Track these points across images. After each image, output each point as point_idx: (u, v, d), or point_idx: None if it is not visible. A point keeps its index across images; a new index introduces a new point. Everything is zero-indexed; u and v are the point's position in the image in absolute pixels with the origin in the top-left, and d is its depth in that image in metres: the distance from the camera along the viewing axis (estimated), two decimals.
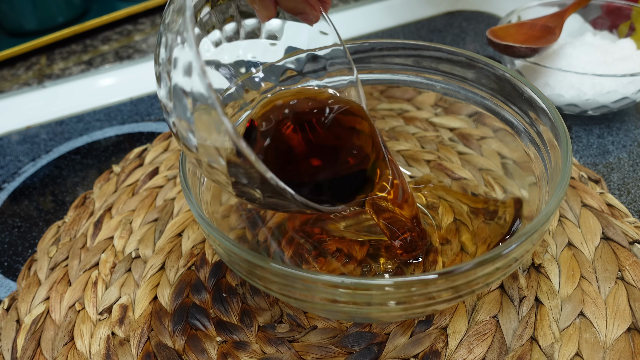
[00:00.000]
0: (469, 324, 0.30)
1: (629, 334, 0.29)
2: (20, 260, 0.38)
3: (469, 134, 0.38)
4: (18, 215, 0.42)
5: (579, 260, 0.32)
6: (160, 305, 0.32)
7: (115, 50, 0.65)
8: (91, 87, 0.59)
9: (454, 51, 0.34)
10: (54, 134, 0.51)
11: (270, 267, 0.23)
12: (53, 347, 0.31)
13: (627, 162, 0.41)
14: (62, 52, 0.66)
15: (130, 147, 0.48)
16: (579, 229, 0.34)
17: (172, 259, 0.35)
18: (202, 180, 0.31)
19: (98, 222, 0.38)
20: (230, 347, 0.30)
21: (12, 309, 0.34)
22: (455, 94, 0.36)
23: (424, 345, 0.29)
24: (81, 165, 0.47)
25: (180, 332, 0.31)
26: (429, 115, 0.40)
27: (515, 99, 0.32)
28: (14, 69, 0.64)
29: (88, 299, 0.33)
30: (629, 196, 0.38)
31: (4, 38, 0.66)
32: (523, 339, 0.29)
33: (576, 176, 0.38)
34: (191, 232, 0.37)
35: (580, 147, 0.43)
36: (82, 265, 0.35)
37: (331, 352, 0.29)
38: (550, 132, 0.28)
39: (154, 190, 0.41)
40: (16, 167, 0.48)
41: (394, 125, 0.42)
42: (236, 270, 0.26)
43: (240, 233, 0.34)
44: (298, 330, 0.30)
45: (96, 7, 0.70)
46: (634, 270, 0.31)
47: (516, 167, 0.33)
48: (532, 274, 0.32)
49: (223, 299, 0.32)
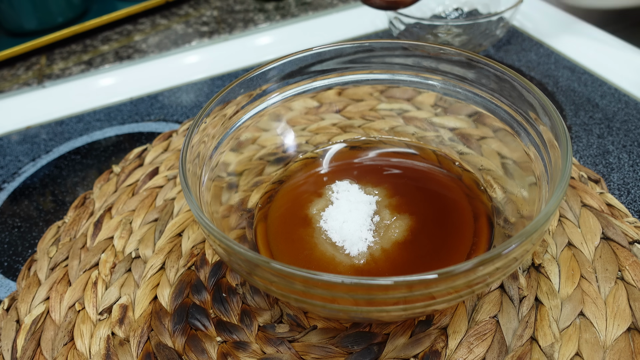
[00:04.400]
0: (469, 324, 0.30)
1: (629, 334, 0.29)
2: (20, 260, 0.38)
3: (469, 134, 0.38)
4: (18, 215, 0.42)
5: (579, 260, 0.32)
6: (160, 305, 0.32)
7: (115, 50, 0.65)
8: (91, 87, 0.60)
9: (454, 51, 0.34)
10: (54, 134, 0.51)
11: (270, 267, 0.23)
12: (53, 347, 0.31)
13: (627, 162, 0.41)
14: (62, 52, 0.66)
15: (130, 147, 0.48)
16: (578, 229, 0.34)
17: (172, 259, 0.35)
18: (202, 180, 0.31)
19: (98, 222, 0.38)
20: (230, 347, 0.30)
21: (12, 309, 0.34)
22: (455, 94, 0.36)
23: (424, 345, 0.29)
24: (81, 165, 0.47)
25: (180, 332, 0.31)
26: (428, 115, 0.40)
27: (515, 99, 0.32)
28: (14, 69, 0.64)
29: (88, 299, 0.33)
30: (629, 196, 0.38)
31: (4, 38, 0.66)
32: (523, 339, 0.29)
33: (576, 176, 0.38)
34: (191, 232, 0.37)
35: (580, 147, 0.43)
36: (82, 265, 0.35)
37: (331, 352, 0.29)
38: (550, 132, 0.28)
39: (154, 190, 0.41)
40: (16, 167, 0.48)
41: (393, 125, 0.41)
42: (236, 270, 0.26)
43: (240, 233, 0.34)
44: (298, 330, 0.30)
45: (96, 7, 0.70)
46: (634, 270, 0.31)
47: (516, 167, 0.33)
48: (532, 274, 0.32)
49: (223, 299, 0.32)
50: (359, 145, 0.40)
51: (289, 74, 0.37)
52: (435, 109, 0.40)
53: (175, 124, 0.51)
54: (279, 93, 0.37)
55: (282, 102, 0.38)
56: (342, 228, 0.32)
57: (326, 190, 0.35)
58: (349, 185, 0.35)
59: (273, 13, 0.70)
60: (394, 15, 0.55)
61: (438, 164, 0.38)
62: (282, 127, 0.39)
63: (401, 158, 0.39)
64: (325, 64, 0.37)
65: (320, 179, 0.37)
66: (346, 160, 0.39)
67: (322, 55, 0.37)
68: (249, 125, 0.36)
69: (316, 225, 0.33)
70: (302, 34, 0.65)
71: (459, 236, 0.32)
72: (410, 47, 0.36)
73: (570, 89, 0.49)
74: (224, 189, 0.34)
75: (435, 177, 0.37)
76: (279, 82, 0.37)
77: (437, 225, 0.33)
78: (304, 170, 0.38)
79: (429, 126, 0.40)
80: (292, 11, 0.70)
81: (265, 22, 0.68)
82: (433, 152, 0.38)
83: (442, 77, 0.36)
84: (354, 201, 0.33)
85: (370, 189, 0.35)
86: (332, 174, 0.38)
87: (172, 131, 0.48)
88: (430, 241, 0.32)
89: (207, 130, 0.32)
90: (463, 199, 0.34)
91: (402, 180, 0.36)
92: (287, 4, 0.72)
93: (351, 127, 0.42)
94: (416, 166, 0.38)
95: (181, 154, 0.29)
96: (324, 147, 0.40)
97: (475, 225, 0.32)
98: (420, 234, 0.32)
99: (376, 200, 0.34)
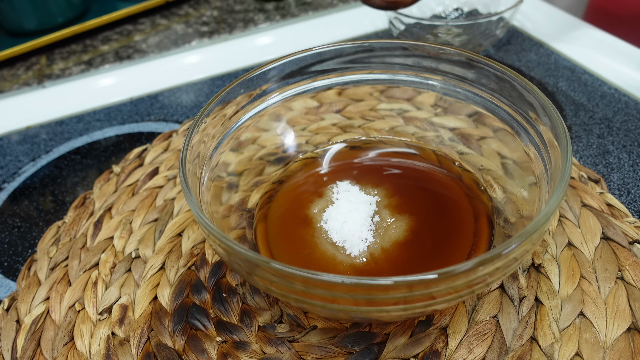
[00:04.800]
0: (469, 324, 0.30)
1: (629, 334, 0.29)
2: (20, 260, 0.38)
3: (469, 134, 0.38)
4: (18, 215, 0.42)
5: (578, 260, 0.32)
6: (160, 305, 0.32)
7: (115, 50, 0.65)
8: (91, 87, 0.60)
9: (454, 51, 0.34)
10: (54, 134, 0.51)
11: (270, 267, 0.23)
12: (53, 347, 0.31)
13: (627, 162, 0.41)
14: (62, 52, 0.66)
15: (130, 147, 0.48)
16: (578, 229, 0.34)
17: (172, 259, 0.35)
18: (202, 180, 0.31)
19: (98, 222, 0.38)
20: (230, 347, 0.30)
21: (12, 309, 0.34)
22: (455, 94, 0.36)
23: (424, 345, 0.29)
24: (81, 165, 0.47)
25: (180, 332, 0.31)
26: (428, 115, 0.40)
27: (515, 99, 0.32)
28: (14, 69, 0.64)
29: (88, 299, 0.33)
30: (629, 196, 0.38)
31: (4, 38, 0.66)
32: (523, 339, 0.29)
33: (576, 176, 0.38)
34: (191, 232, 0.37)
35: (580, 147, 0.43)
36: (82, 265, 0.35)
37: (331, 352, 0.29)
38: (550, 132, 0.28)
39: (154, 190, 0.41)
40: (16, 167, 0.48)
41: (393, 125, 0.41)
42: (236, 270, 0.26)
43: (240, 233, 0.34)
44: (298, 330, 0.30)
45: (96, 7, 0.70)
46: (634, 270, 0.31)
47: (516, 167, 0.33)
48: (532, 274, 0.32)
49: (223, 299, 0.32)
50: (359, 145, 0.40)
51: (289, 74, 0.37)
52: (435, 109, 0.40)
53: (175, 124, 0.51)
54: (279, 93, 0.37)
55: (282, 102, 0.38)
56: (342, 228, 0.32)
57: (326, 191, 0.35)
58: (349, 186, 0.35)
59: (273, 13, 0.70)
60: (394, 15, 0.55)
61: (438, 164, 0.38)
62: (282, 127, 0.39)
63: (401, 158, 0.39)
64: (325, 64, 0.37)
65: (320, 179, 0.37)
66: (346, 160, 0.39)
67: (322, 55, 0.37)
68: (249, 125, 0.36)
69: (316, 225, 0.33)
70: (302, 34, 0.65)
71: (459, 236, 0.32)
72: (410, 47, 0.36)
73: (570, 89, 0.49)
74: (224, 189, 0.34)
75: (435, 177, 0.37)
76: (279, 82, 0.37)
77: (437, 225, 0.33)
78: (304, 170, 0.38)
79: (429, 126, 0.40)
80: (292, 11, 0.70)
81: (265, 22, 0.68)
82: (433, 152, 0.38)
83: (442, 77, 0.36)
84: (354, 201, 0.33)
85: (370, 189, 0.35)
86: (332, 174, 0.38)
87: (172, 131, 0.48)
88: (430, 241, 0.32)
89: (207, 130, 0.32)
90: (463, 199, 0.34)
91: (402, 180, 0.36)
92: (287, 4, 0.72)
93: (351, 127, 0.42)
94: (416, 166, 0.38)
95: (181, 154, 0.29)
96: (324, 147, 0.40)
97: (475, 225, 0.32)
98: (420, 234, 0.32)
99: (376, 201, 0.34)
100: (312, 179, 0.37)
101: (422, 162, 0.38)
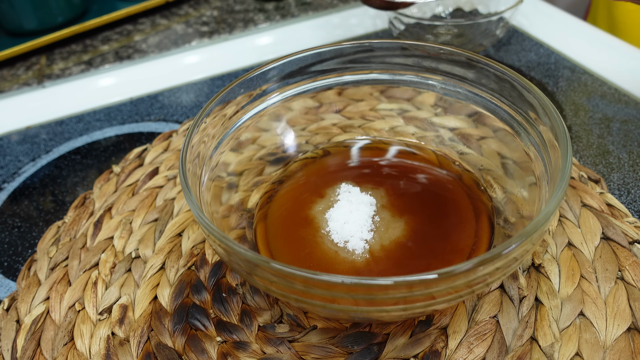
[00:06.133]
0: (469, 324, 0.30)
1: (629, 334, 0.29)
2: (20, 260, 0.38)
3: (469, 134, 0.38)
4: (18, 215, 0.42)
5: (579, 260, 0.32)
6: (160, 305, 0.32)
7: (115, 50, 0.65)
8: (91, 87, 0.60)
9: (454, 51, 0.34)
10: (54, 134, 0.51)
11: (270, 267, 0.23)
12: (53, 347, 0.31)
13: (627, 162, 0.41)
14: (62, 52, 0.66)
15: (130, 147, 0.48)
16: (578, 229, 0.34)
17: (172, 259, 0.35)
18: (202, 180, 0.31)
19: (98, 222, 0.38)
20: (230, 347, 0.30)
21: (12, 309, 0.34)
22: (455, 94, 0.36)
23: (424, 345, 0.29)
24: (81, 165, 0.47)
25: (180, 332, 0.31)
26: (428, 115, 0.40)
27: (515, 99, 0.32)
28: (14, 69, 0.64)
29: (88, 299, 0.33)
30: (629, 196, 0.38)
31: (4, 38, 0.66)
32: (523, 339, 0.29)
33: (576, 176, 0.38)
34: (191, 232, 0.37)
35: (580, 147, 0.43)
36: (82, 265, 0.35)
37: (331, 352, 0.29)
38: (550, 132, 0.28)
39: (154, 190, 0.41)
40: (16, 167, 0.48)
41: (394, 125, 0.41)
42: (236, 270, 0.26)
43: (240, 233, 0.34)
44: (298, 330, 0.30)
45: (96, 7, 0.70)
46: (634, 270, 0.31)
47: (516, 167, 0.33)
48: (532, 274, 0.32)
49: (223, 299, 0.32)
50: (359, 145, 0.40)
51: (289, 74, 0.37)
52: (435, 109, 0.40)
53: (175, 124, 0.51)
54: (279, 93, 0.37)
55: (282, 102, 0.38)
56: (342, 228, 0.32)
57: (326, 191, 0.35)
58: (349, 186, 0.35)
59: (273, 13, 0.70)
60: (394, 15, 0.55)
61: (438, 164, 0.38)
62: (282, 127, 0.39)
63: (401, 158, 0.39)
64: (325, 64, 0.37)
65: (321, 179, 0.37)
66: (346, 161, 0.39)
67: (322, 55, 0.37)
68: (249, 125, 0.36)
69: (316, 225, 0.33)
70: (302, 34, 0.65)
71: (459, 236, 0.32)
72: (410, 47, 0.36)
73: (570, 89, 0.49)
74: (224, 189, 0.34)
75: (435, 177, 0.37)
76: (278, 82, 0.37)
77: (437, 225, 0.33)
78: (304, 170, 0.38)
79: (429, 126, 0.40)
80: (292, 11, 0.70)
81: (265, 22, 0.68)
82: (433, 152, 0.38)
83: (442, 77, 0.36)
84: (354, 202, 0.33)
85: (370, 189, 0.35)
86: (332, 174, 0.38)
87: (172, 131, 0.48)
88: (431, 241, 0.32)
89: (207, 130, 0.32)
90: (463, 199, 0.34)
91: (402, 181, 0.36)
92: (287, 4, 0.72)
93: (351, 127, 0.42)
94: (416, 166, 0.38)
95: (181, 154, 0.29)
96: (324, 147, 0.40)
97: (475, 225, 0.32)
98: (421, 234, 0.32)
99: (376, 201, 0.34)
100: (312, 179, 0.37)
101: (422, 162, 0.38)
